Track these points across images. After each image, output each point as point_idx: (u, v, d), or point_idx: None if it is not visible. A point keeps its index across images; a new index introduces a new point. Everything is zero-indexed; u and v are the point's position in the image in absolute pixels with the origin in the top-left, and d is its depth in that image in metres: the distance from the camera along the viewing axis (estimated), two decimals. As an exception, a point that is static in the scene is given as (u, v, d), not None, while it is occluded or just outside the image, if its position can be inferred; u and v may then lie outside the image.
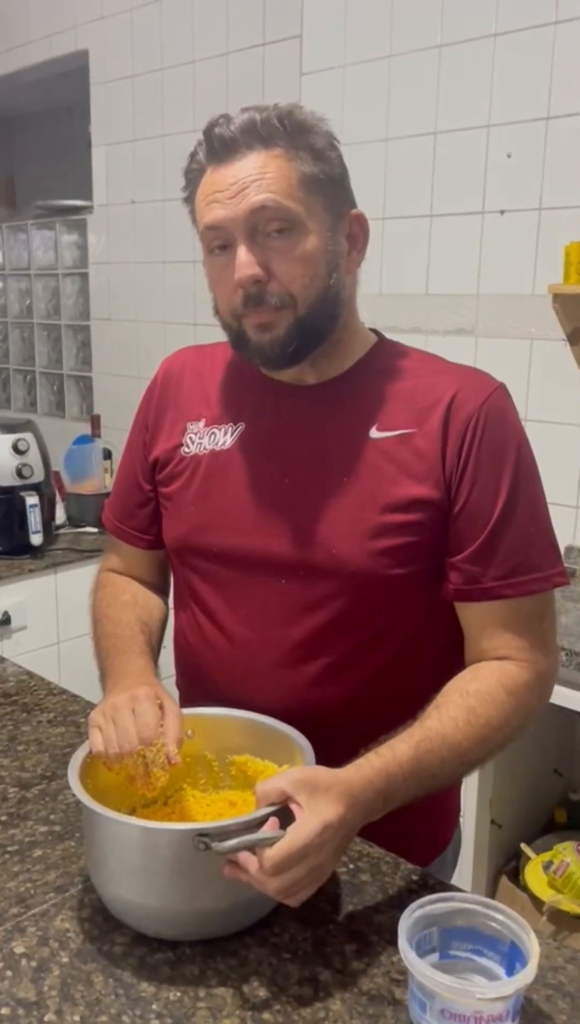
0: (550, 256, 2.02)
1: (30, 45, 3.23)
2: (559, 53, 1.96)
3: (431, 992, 0.70)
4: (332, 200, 0.96)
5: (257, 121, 0.92)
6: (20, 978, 0.79)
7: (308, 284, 0.94)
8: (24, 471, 2.29)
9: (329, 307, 0.97)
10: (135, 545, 1.17)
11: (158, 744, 0.87)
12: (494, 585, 0.95)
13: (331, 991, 0.78)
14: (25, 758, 1.17)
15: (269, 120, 0.92)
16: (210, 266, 0.98)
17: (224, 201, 0.93)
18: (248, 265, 0.92)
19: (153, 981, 0.79)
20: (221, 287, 0.97)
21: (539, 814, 2.18)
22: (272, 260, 0.93)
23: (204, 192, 0.95)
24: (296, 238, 0.93)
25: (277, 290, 0.93)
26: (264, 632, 1.02)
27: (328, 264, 0.96)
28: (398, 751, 0.85)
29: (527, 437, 0.99)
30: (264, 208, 0.91)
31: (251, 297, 0.93)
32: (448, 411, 0.97)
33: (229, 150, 0.93)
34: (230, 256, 0.94)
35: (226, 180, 0.93)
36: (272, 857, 0.74)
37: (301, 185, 0.93)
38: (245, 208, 0.91)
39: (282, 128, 0.93)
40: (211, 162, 0.94)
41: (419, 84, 2.19)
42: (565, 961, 0.82)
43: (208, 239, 0.96)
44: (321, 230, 0.95)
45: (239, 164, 0.92)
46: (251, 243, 0.93)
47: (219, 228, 0.93)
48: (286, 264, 0.93)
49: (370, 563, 0.96)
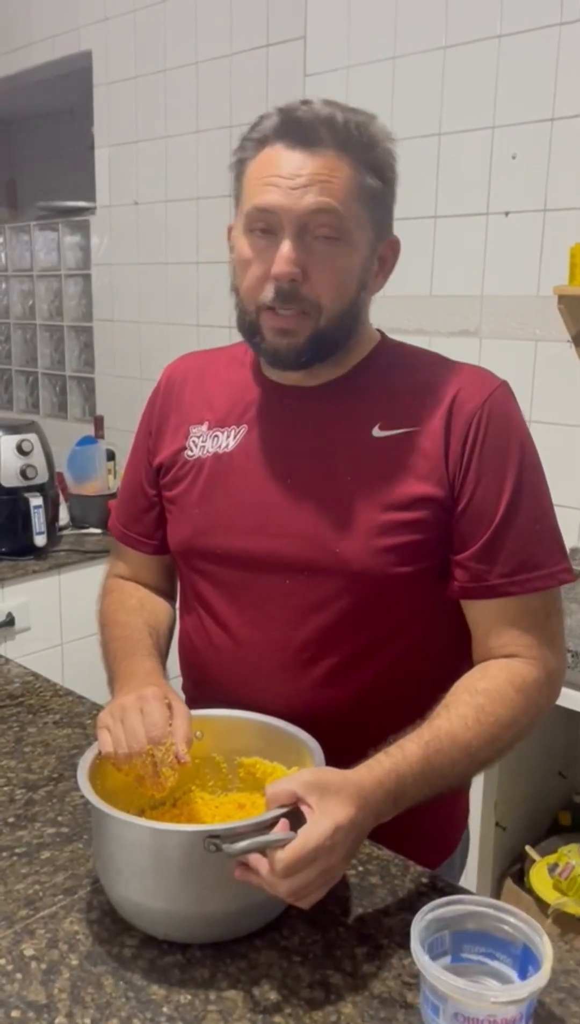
0: (555, 257, 2.01)
1: (33, 46, 3.23)
2: (563, 54, 1.96)
3: (444, 995, 0.69)
4: (380, 221, 0.97)
5: (339, 120, 0.91)
6: (30, 980, 0.78)
7: (337, 297, 0.94)
8: (28, 472, 2.29)
9: (348, 322, 0.97)
10: (141, 550, 1.17)
11: (167, 744, 0.87)
12: (500, 582, 0.95)
13: (342, 994, 0.77)
14: (32, 759, 1.17)
15: (349, 124, 0.92)
16: (244, 244, 0.95)
17: (285, 189, 0.91)
18: (289, 262, 0.91)
19: (163, 984, 0.78)
20: (251, 269, 0.95)
21: (544, 816, 2.18)
22: (312, 264, 0.92)
23: (263, 169, 0.93)
24: (341, 249, 0.93)
25: (308, 294, 0.93)
26: (270, 633, 1.02)
27: (359, 281, 0.96)
28: (408, 751, 0.85)
29: (530, 434, 0.99)
30: (322, 212, 0.91)
31: (284, 293, 0.93)
32: (451, 409, 0.97)
33: (305, 137, 0.91)
34: (270, 242, 0.93)
35: (293, 166, 0.91)
36: (283, 859, 0.74)
37: (360, 199, 0.93)
38: (305, 205, 0.90)
39: (359, 137, 0.92)
40: (281, 140, 0.92)
41: (423, 86, 2.18)
42: (577, 964, 0.82)
43: (253, 218, 0.94)
44: (363, 247, 0.95)
45: (311, 156, 0.91)
46: (298, 240, 0.92)
47: (270, 213, 0.92)
48: (324, 272, 0.93)
49: (374, 562, 0.96)
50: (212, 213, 2.74)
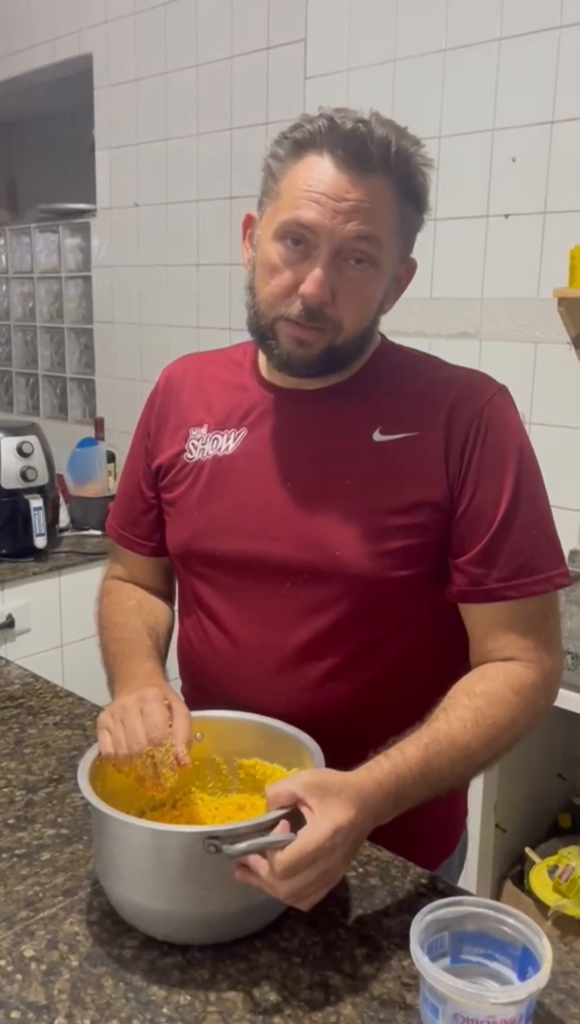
0: (555, 260, 2.02)
1: (34, 49, 3.24)
2: (564, 57, 1.96)
3: (444, 997, 0.69)
4: (407, 247, 0.98)
5: (392, 146, 0.90)
6: (30, 981, 0.79)
7: (358, 320, 0.96)
8: (28, 474, 2.29)
9: (361, 342, 0.99)
10: (139, 552, 1.17)
11: (167, 745, 0.87)
12: (498, 587, 0.95)
13: (342, 995, 0.77)
14: (32, 761, 1.17)
15: (400, 150, 0.91)
16: (273, 250, 0.94)
17: (330, 209, 0.90)
18: (322, 285, 0.91)
19: (163, 985, 0.78)
20: (277, 276, 0.94)
21: (544, 818, 2.18)
22: (341, 287, 0.93)
23: (309, 181, 0.91)
24: (370, 275, 0.94)
25: (332, 315, 0.94)
26: (268, 635, 1.02)
27: (379, 304, 0.98)
28: (407, 753, 0.85)
29: (529, 439, 1.00)
30: (363, 239, 0.91)
31: (311, 312, 0.93)
32: (450, 413, 0.97)
33: (358, 158, 0.90)
34: (302, 255, 0.93)
35: (341, 188, 0.90)
36: (283, 860, 0.74)
37: (396, 228, 0.94)
38: (348, 231, 0.90)
39: (406, 166, 0.92)
40: (331, 153, 0.91)
41: (423, 88, 2.19)
42: (576, 965, 0.82)
43: (288, 229, 0.92)
44: (389, 273, 0.97)
45: (361, 181, 0.90)
46: (331, 263, 0.92)
47: (309, 230, 0.91)
48: (351, 297, 0.94)
49: (373, 565, 0.96)
50: (212, 215, 2.75)
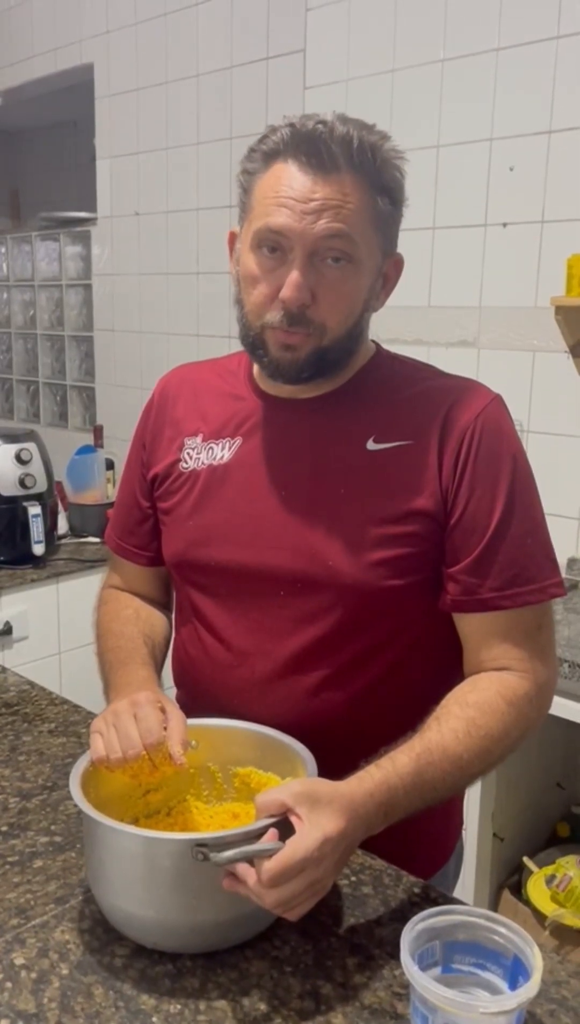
0: (552, 268, 2.02)
1: (36, 59, 3.26)
2: (561, 67, 1.97)
3: (433, 1006, 0.69)
4: (387, 241, 0.97)
5: (355, 142, 0.90)
6: (20, 990, 0.78)
7: (342, 320, 0.95)
8: (27, 481, 2.29)
9: (350, 342, 0.98)
10: (136, 562, 1.17)
11: (163, 750, 0.87)
12: (491, 596, 0.95)
13: (333, 1005, 0.77)
14: (26, 768, 1.17)
15: (364, 146, 0.90)
16: (251, 261, 0.95)
17: (298, 212, 0.90)
18: (300, 288, 0.91)
19: (153, 994, 0.78)
20: (258, 287, 0.95)
21: (541, 827, 2.17)
22: (320, 287, 0.92)
23: (275, 187, 0.91)
24: (349, 273, 0.93)
25: (315, 316, 0.93)
26: (262, 645, 1.02)
27: (364, 302, 0.97)
28: (399, 763, 0.85)
29: (523, 448, 1.00)
30: (335, 237, 0.90)
31: (292, 317, 0.93)
32: (444, 422, 0.97)
33: (320, 159, 0.90)
34: (278, 261, 0.93)
35: (307, 190, 0.90)
36: (270, 869, 0.74)
37: (371, 222, 0.93)
38: (319, 231, 0.90)
39: (373, 159, 0.91)
40: (294, 158, 0.91)
41: (422, 98, 2.20)
42: (568, 975, 0.82)
43: (262, 237, 0.93)
44: (370, 269, 0.96)
45: (325, 179, 0.90)
46: (308, 264, 0.91)
47: (282, 236, 0.91)
48: (332, 296, 0.93)
49: (367, 575, 0.96)
50: (212, 224, 2.76)
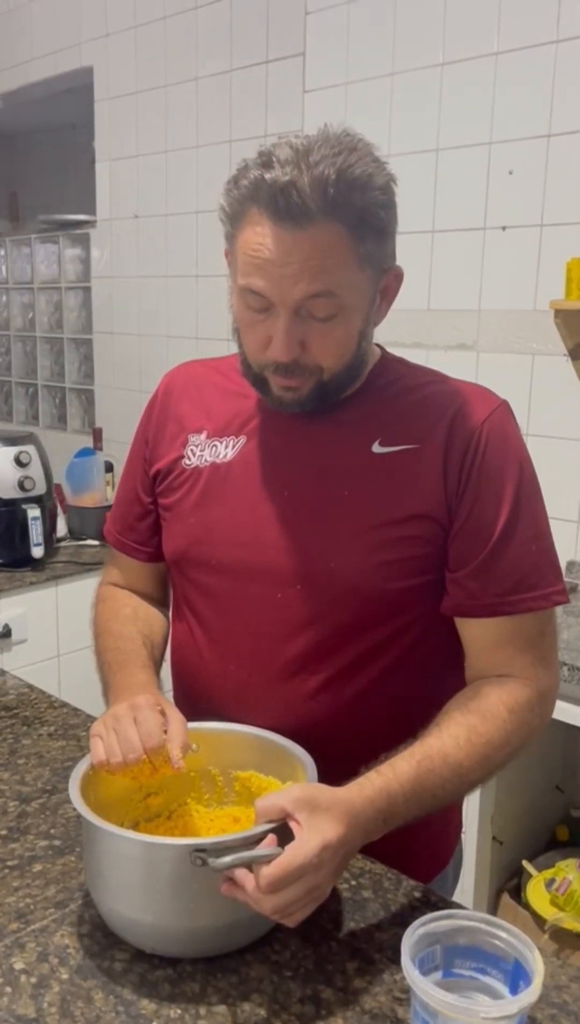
0: (551, 272, 2.03)
1: (35, 62, 3.26)
2: (560, 71, 1.97)
3: (434, 1011, 0.69)
4: (380, 264, 0.93)
5: (329, 186, 0.84)
6: (19, 994, 0.78)
7: (338, 359, 0.94)
8: (26, 484, 2.29)
9: (352, 371, 0.97)
10: (135, 558, 1.17)
11: (164, 753, 0.87)
12: (494, 602, 0.95)
13: (333, 1009, 0.77)
14: (25, 772, 1.17)
15: (341, 185, 0.84)
16: (241, 307, 0.94)
17: (275, 275, 0.87)
18: (286, 347, 0.90)
19: (153, 998, 0.78)
20: (249, 334, 0.94)
21: (541, 831, 2.17)
22: (310, 337, 0.91)
23: (253, 246, 0.88)
24: (338, 321, 0.91)
25: (309, 363, 0.93)
26: (260, 647, 1.01)
27: (361, 334, 0.95)
28: (399, 770, 0.84)
29: (529, 455, 0.99)
30: (317, 296, 0.88)
31: (284, 368, 0.93)
32: (451, 427, 0.96)
33: (294, 214, 0.85)
34: (266, 313, 0.91)
35: (283, 251, 0.86)
36: (268, 875, 0.73)
37: (356, 265, 0.89)
38: (299, 294, 0.88)
39: (350, 196, 0.85)
40: (268, 208, 0.86)
41: (421, 102, 2.20)
42: (569, 980, 0.82)
43: (245, 296, 0.92)
44: (362, 305, 0.93)
45: (302, 233, 0.85)
46: (293, 319, 0.90)
47: (262, 296, 0.90)
48: (323, 344, 0.92)
49: (368, 577, 0.96)
50: (212, 227, 2.73)
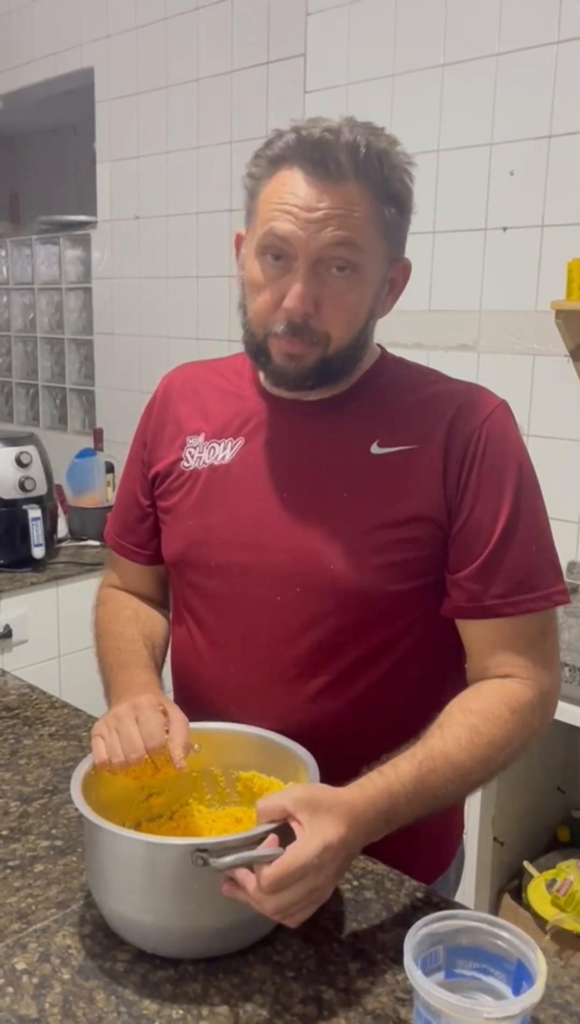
0: (552, 273, 2.02)
1: (36, 63, 3.26)
2: (561, 72, 1.97)
3: (437, 1011, 0.69)
4: (394, 248, 0.96)
5: (362, 149, 0.89)
6: (21, 995, 0.78)
7: (346, 329, 0.94)
8: (27, 484, 2.29)
9: (355, 351, 0.98)
10: (135, 560, 1.17)
11: (166, 753, 0.87)
12: (495, 603, 0.94)
13: (335, 1010, 0.77)
14: (27, 772, 1.17)
15: (371, 153, 0.89)
16: (256, 267, 0.94)
17: (303, 221, 0.89)
18: (303, 298, 0.91)
19: (155, 999, 0.78)
20: (262, 293, 0.94)
21: (542, 832, 2.17)
22: (324, 297, 0.92)
23: (280, 194, 0.91)
24: (354, 282, 0.92)
25: (318, 327, 0.93)
26: (260, 649, 1.01)
27: (369, 310, 0.96)
28: (401, 770, 0.84)
29: (529, 455, 0.99)
30: (340, 245, 0.90)
31: (295, 327, 0.92)
32: (450, 428, 0.96)
33: (326, 167, 0.89)
34: (282, 270, 0.92)
35: (312, 199, 0.89)
36: (269, 875, 0.73)
37: (377, 230, 0.92)
38: (324, 240, 0.89)
39: (380, 167, 0.90)
40: (300, 164, 0.90)
41: (422, 103, 2.20)
42: (572, 980, 0.81)
43: (266, 243, 0.92)
44: (376, 276, 0.95)
45: (332, 187, 0.89)
46: (312, 273, 0.91)
47: (286, 242, 0.91)
48: (336, 306, 0.92)
49: (368, 579, 0.96)
50: (212, 228, 2.76)
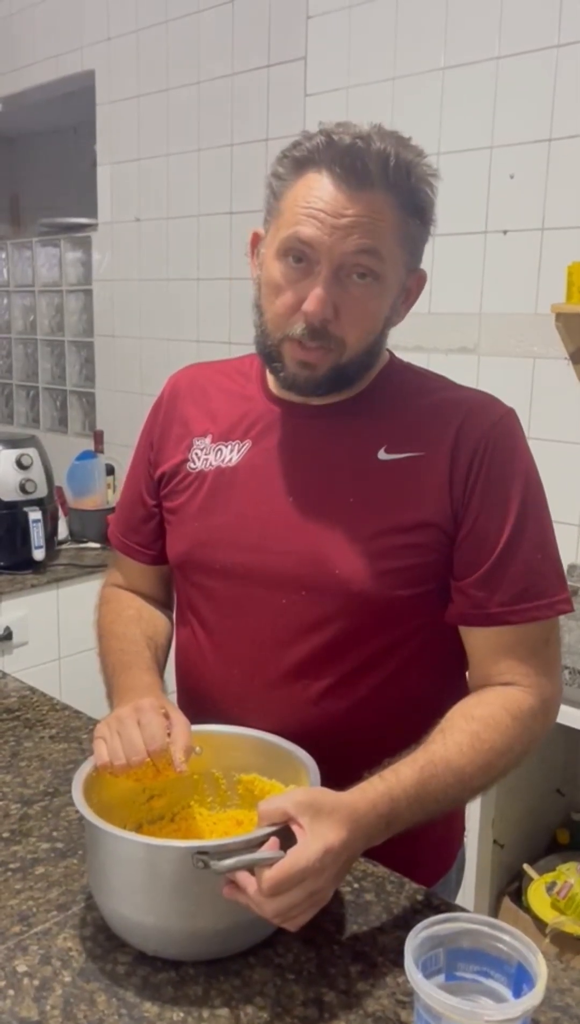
0: (552, 275, 2.03)
1: (37, 65, 3.26)
2: (561, 76, 1.98)
3: (438, 1014, 0.69)
4: (412, 258, 0.97)
5: (390, 159, 0.89)
6: (22, 997, 0.78)
7: (362, 337, 0.95)
8: (27, 486, 2.29)
9: (368, 358, 0.98)
10: (139, 560, 1.17)
11: (168, 755, 0.87)
12: (499, 611, 0.95)
13: (336, 1013, 0.77)
14: (27, 774, 1.17)
15: (399, 163, 0.90)
16: (276, 269, 0.94)
17: (329, 226, 0.90)
18: (323, 303, 0.91)
19: (156, 1001, 0.78)
20: (281, 296, 0.94)
21: (542, 834, 2.17)
22: (344, 303, 0.92)
23: (307, 199, 0.91)
24: (374, 290, 0.93)
25: (336, 332, 0.93)
26: (264, 652, 1.01)
27: (385, 319, 0.97)
28: (402, 775, 0.85)
29: (535, 464, 0.99)
30: (364, 253, 0.90)
31: (313, 331, 0.92)
32: (457, 435, 0.96)
33: (356, 174, 0.89)
34: (304, 273, 0.92)
35: (340, 204, 0.90)
36: (270, 878, 0.73)
37: (399, 241, 0.93)
38: (349, 246, 0.90)
39: (407, 179, 0.91)
40: (329, 169, 0.90)
41: (423, 106, 2.20)
42: (572, 983, 0.82)
43: (289, 246, 0.92)
44: (394, 286, 0.95)
45: (359, 197, 0.90)
46: (333, 279, 0.91)
47: (309, 246, 0.91)
48: (354, 313, 0.93)
49: (373, 584, 0.96)
50: (213, 230, 2.76)
